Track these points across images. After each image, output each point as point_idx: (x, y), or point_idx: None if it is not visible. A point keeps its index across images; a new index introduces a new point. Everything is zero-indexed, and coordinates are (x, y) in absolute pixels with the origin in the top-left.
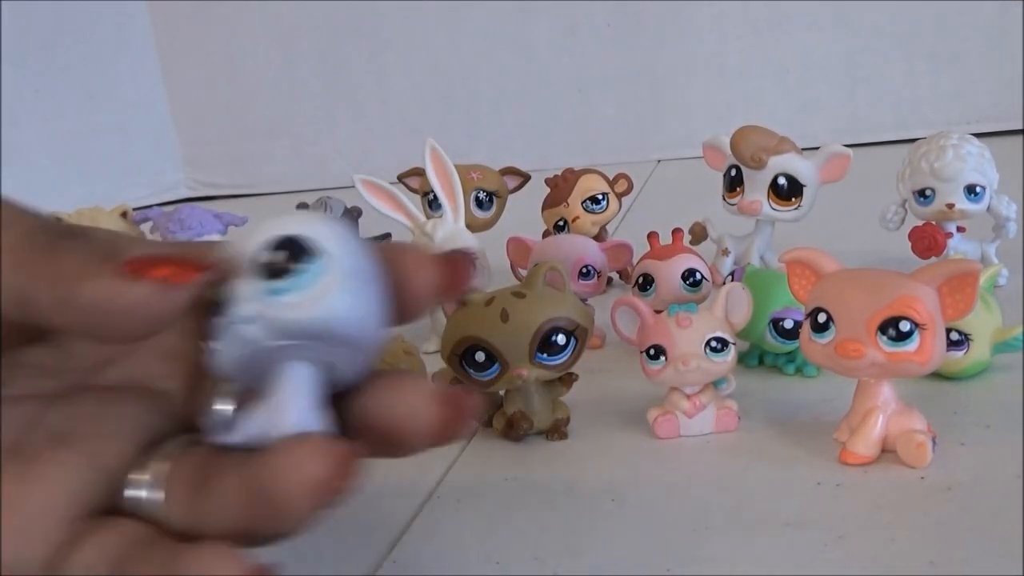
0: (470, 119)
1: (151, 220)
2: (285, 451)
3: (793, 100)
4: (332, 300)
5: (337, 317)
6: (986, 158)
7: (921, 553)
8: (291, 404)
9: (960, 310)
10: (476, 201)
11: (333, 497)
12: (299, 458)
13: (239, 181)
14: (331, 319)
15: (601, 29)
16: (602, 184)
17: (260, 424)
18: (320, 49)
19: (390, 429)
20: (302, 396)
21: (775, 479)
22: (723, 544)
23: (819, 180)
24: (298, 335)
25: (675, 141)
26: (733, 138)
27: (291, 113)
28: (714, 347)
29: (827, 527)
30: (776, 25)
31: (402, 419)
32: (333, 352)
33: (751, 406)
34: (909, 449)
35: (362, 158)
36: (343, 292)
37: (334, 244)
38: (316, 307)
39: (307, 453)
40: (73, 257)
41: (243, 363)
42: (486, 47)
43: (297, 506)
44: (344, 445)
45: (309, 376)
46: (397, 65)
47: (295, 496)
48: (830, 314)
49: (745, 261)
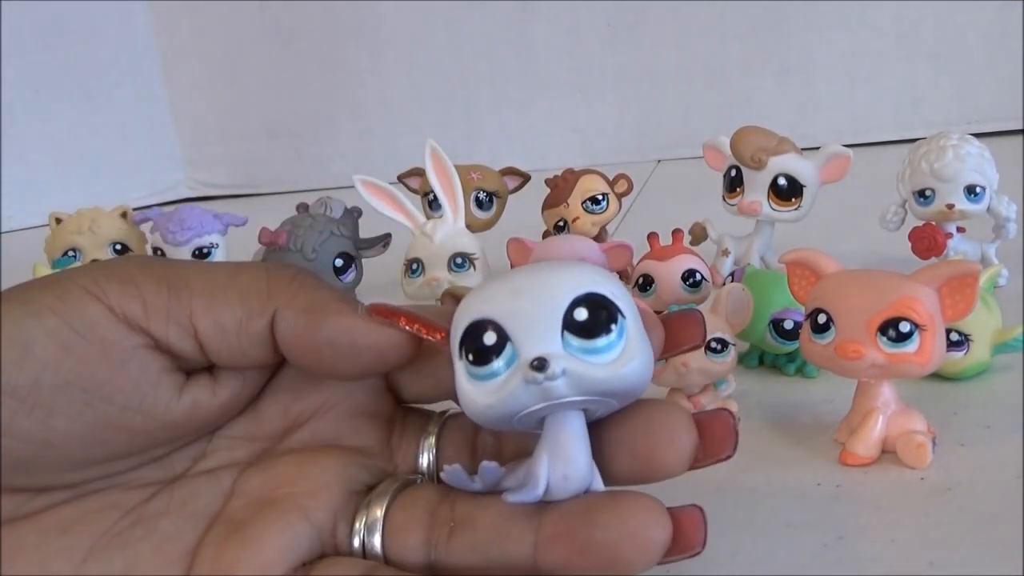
0: (470, 119)
1: (151, 220)
2: (625, 507)
3: (793, 100)
4: (635, 363)
5: (637, 378)
6: (986, 158)
7: (921, 553)
8: (578, 452)
9: (960, 311)
10: (476, 201)
11: (663, 560)
12: (645, 519)
13: (239, 181)
14: (632, 380)
15: (601, 29)
16: (602, 184)
17: (552, 478)
18: (320, 49)
19: (648, 457)
20: (583, 444)
21: (775, 479)
22: (723, 544)
23: (819, 180)
24: (599, 393)
25: (675, 141)
26: (733, 138)
27: (291, 113)
28: (714, 348)
29: (827, 527)
30: (776, 25)
31: (662, 447)
32: (609, 404)
33: (751, 407)
34: (909, 450)
35: (362, 158)
36: (642, 355)
37: (623, 303)
38: (622, 368)
39: (653, 515)
40: (321, 293)
41: (519, 417)
42: (486, 47)
43: (631, 564)
44: (693, 508)
45: (583, 424)
46: (397, 65)
47: (633, 555)
48: (830, 315)
49: (745, 261)
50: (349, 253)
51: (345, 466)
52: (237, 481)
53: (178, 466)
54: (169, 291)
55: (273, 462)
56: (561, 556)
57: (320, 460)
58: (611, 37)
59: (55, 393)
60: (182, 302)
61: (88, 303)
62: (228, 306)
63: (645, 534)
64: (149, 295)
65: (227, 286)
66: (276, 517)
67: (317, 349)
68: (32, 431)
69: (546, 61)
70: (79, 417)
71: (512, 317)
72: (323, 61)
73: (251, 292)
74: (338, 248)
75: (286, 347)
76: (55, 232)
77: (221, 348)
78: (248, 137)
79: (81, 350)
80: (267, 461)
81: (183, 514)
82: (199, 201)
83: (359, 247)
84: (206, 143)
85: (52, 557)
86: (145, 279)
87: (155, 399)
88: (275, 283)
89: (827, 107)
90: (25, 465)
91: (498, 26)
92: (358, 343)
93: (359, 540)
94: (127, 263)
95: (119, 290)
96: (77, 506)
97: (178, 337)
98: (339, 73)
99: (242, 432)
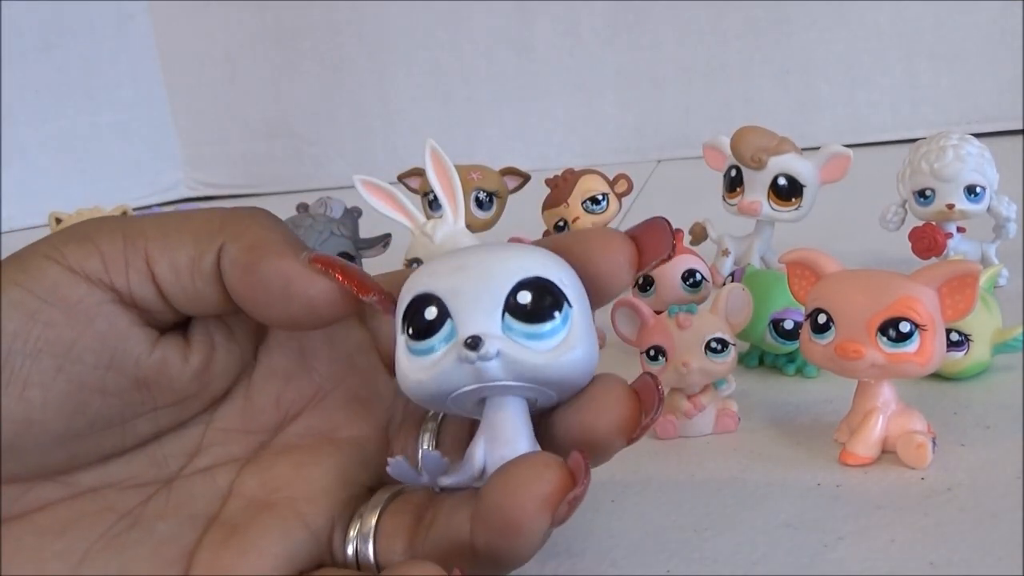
0: (470, 119)
1: None
2: (517, 467)
3: (793, 100)
4: (575, 354)
5: (576, 370)
6: (986, 158)
7: (921, 553)
8: (518, 438)
9: (960, 311)
10: (476, 201)
11: (568, 509)
12: (533, 472)
13: (239, 181)
14: (570, 372)
15: (601, 29)
16: (602, 184)
17: (489, 461)
18: (320, 49)
19: (588, 434)
20: (524, 428)
21: (775, 480)
22: (723, 544)
23: (819, 180)
24: (535, 380)
25: (675, 141)
26: (733, 138)
27: (291, 113)
28: (714, 348)
29: (827, 528)
30: (776, 25)
31: (598, 420)
32: (547, 394)
33: (751, 407)
34: (909, 450)
35: (362, 158)
36: (585, 345)
37: (572, 291)
38: (561, 357)
39: (540, 467)
40: (270, 234)
41: (453, 397)
42: (486, 47)
43: (532, 521)
44: (576, 457)
45: (525, 410)
46: (397, 65)
47: (531, 511)
48: (830, 315)
49: (745, 261)
50: (349, 253)
51: (344, 468)
52: (235, 482)
53: (173, 463)
54: (125, 240)
55: (271, 462)
56: (477, 532)
57: (319, 461)
58: (611, 37)
59: (27, 363)
60: (137, 248)
61: (47, 267)
62: (182, 246)
63: (529, 492)
64: (106, 248)
65: (181, 227)
66: (275, 524)
67: (253, 289)
68: (11, 408)
69: (546, 61)
70: (53, 385)
71: (455, 294)
72: (323, 61)
73: (203, 230)
74: (338, 248)
75: (229, 285)
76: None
77: (177, 291)
78: (248, 137)
79: (47, 314)
80: (264, 460)
81: (180, 516)
82: (199, 201)
83: (359, 247)
84: (206, 143)
85: (49, 560)
86: (101, 234)
87: (124, 354)
88: (228, 220)
89: (827, 107)
90: (10, 448)
91: (498, 26)
92: (290, 288)
93: (353, 548)
94: (84, 224)
95: (77, 249)
96: (73, 507)
97: (139, 284)
98: (339, 73)
99: (236, 424)
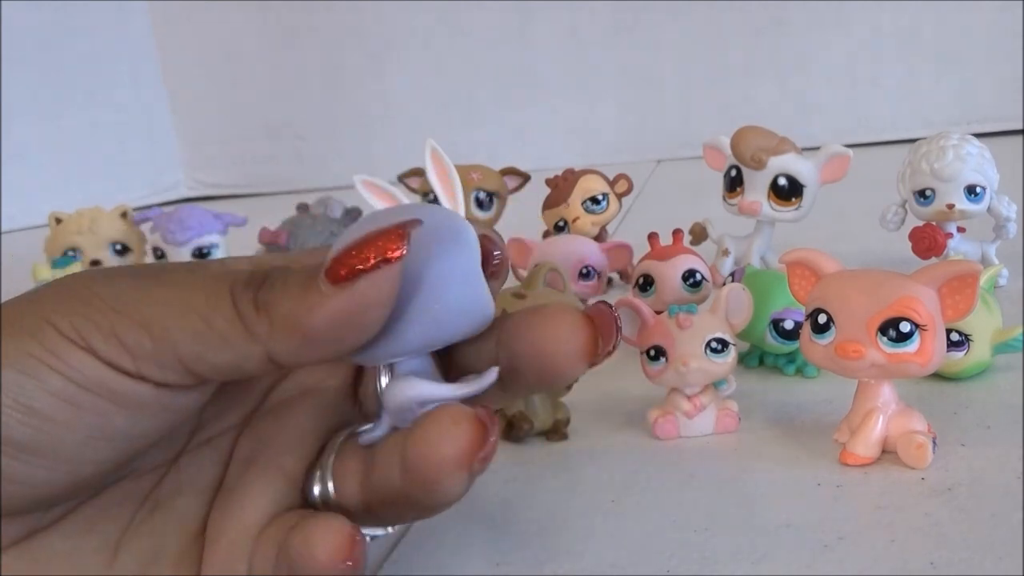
0: (470, 119)
1: (151, 220)
2: (429, 422)
3: (793, 100)
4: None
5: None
6: (986, 158)
7: (921, 553)
8: (416, 381)
9: (960, 311)
10: (476, 201)
11: (481, 462)
12: (443, 428)
13: (239, 181)
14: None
15: (601, 29)
16: (602, 184)
17: (398, 403)
18: (320, 49)
19: (543, 359)
20: (424, 374)
21: (775, 480)
22: (723, 544)
23: (819, 180)
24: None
25: (675, 141)
26: (733, 138)
27: (291, 113)
28: (714, 348)
29: (827, 528)
30: (776, 25)
31: (553, 345)
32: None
33: (751, 407)
34: (909, 450)
35: (362, 158)
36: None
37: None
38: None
39: (450, 422)
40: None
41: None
42: (486, 47)
43: (448, 474)
44: (482, 410)
45: (424, 360)
46: (397, 65)
47: (445, 465)
48: (830, 315)
49: (745, 261)
50: None
51: (318, 415)
52: (235, 448)
53: (177, 442)
54: (153, 343)
55: (260, 421)
56: (404, 483)
57: (298, 412)
58: (611, 37)
59: (77, 448)
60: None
61: (76, 353)
62: (220, 352)
63: (444, 451)
64: (131, 343)
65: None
66: (258, 477)
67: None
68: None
69: (546, 61)
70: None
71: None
72: (323, 61)
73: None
74: None
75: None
76: (55, 232)
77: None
78: (248, 137)
79: (91, 403)
80: (255, 421)
81: (194, 490)
82: (199, 201)
83: None
84: (206, 143)
85: (89, 555)
86: (124, 328)
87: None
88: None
89: (827, 107)
90: (46, 500)
91: (498, 26)
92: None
93: (318, 490)
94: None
95: (102, 340)
96: (95, 504)
97: (175, 379)
98: (339, 73)
99: (233, 390)
